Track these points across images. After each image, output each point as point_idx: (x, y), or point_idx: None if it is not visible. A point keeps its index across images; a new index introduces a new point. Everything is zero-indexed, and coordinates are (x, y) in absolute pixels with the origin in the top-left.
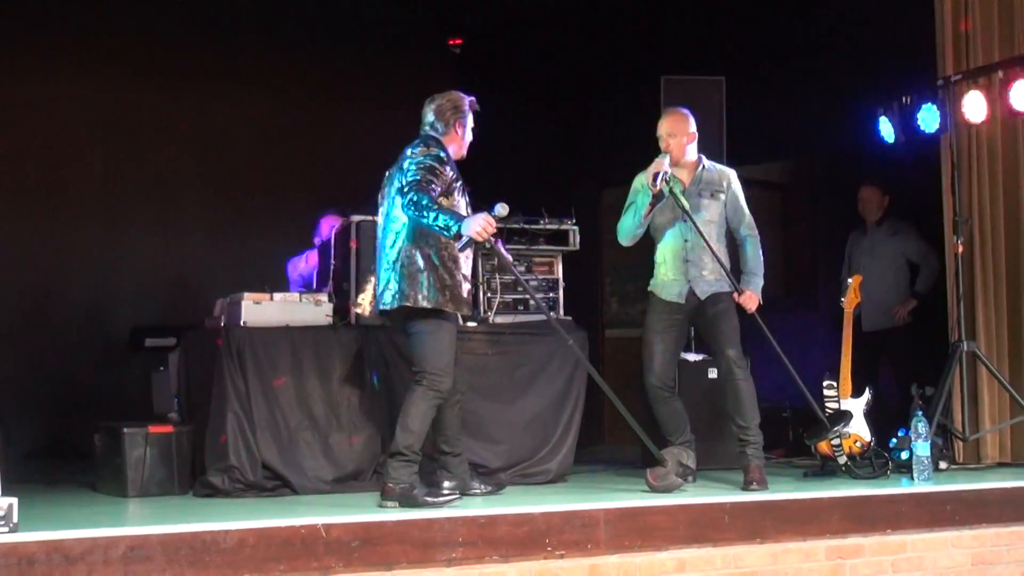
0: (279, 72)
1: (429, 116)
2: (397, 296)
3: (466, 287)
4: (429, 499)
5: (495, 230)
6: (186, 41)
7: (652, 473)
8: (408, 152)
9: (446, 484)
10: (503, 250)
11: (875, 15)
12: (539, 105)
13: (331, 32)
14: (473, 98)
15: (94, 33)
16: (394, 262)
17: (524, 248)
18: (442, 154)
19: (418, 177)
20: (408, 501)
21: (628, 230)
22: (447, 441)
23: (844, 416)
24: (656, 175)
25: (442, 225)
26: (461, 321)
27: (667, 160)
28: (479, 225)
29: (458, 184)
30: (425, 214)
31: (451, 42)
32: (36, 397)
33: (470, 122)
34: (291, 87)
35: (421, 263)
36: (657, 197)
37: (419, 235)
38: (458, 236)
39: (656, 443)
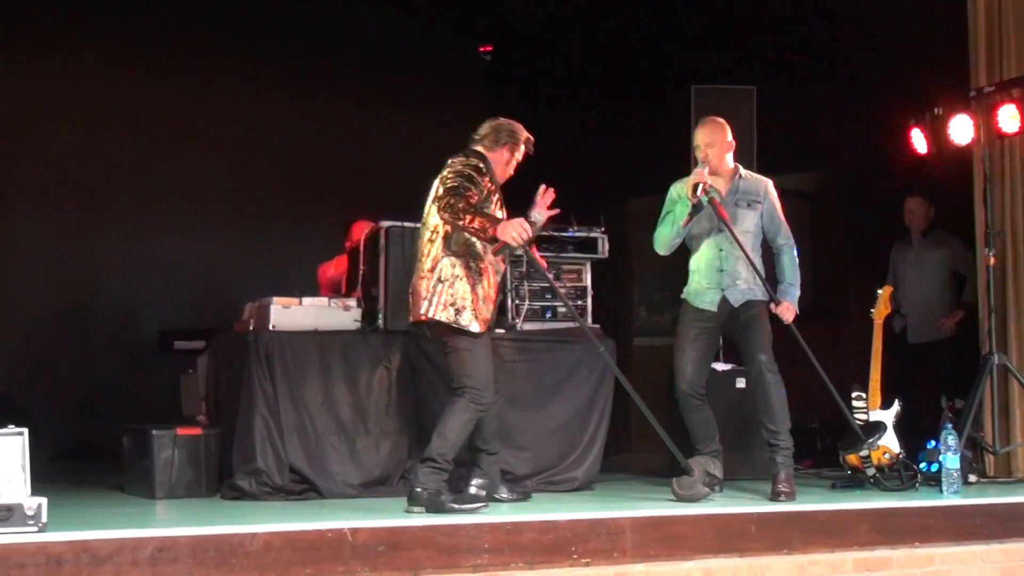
0: (308, 77)
1: (484, 129)
2: (428, 307)
3: (491, 301)
4: (456, 505)
5: (531, 235)
6: (217, 47)
7: (678, 482)
8: (449, 161)
9: (475, 481)
10: (538, 255)
11: (907, 25)
12: (569, 113)
13: (361, 38)
14: (532, 137)
15: (124, 38)
16: (427, 270)
17: (553, 256)
18: (482, 165)
19: (456, 184)
20: (435, 507)
21: (666, 239)
22: (483, 439)
23: (879, 428)
24: (696, 186)
25: (478, 227)
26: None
27: (706, 170)
28: (515, 230)
29: (496, 197)
30: (462, 217)
31: (481, 49)
32: (65, 398)
33: (520, 154)
34: (321, 92)
35: (447, 273)
36: (696, 208)
37: (449, 245)
38: (493, 240)
39: (683, 452)
